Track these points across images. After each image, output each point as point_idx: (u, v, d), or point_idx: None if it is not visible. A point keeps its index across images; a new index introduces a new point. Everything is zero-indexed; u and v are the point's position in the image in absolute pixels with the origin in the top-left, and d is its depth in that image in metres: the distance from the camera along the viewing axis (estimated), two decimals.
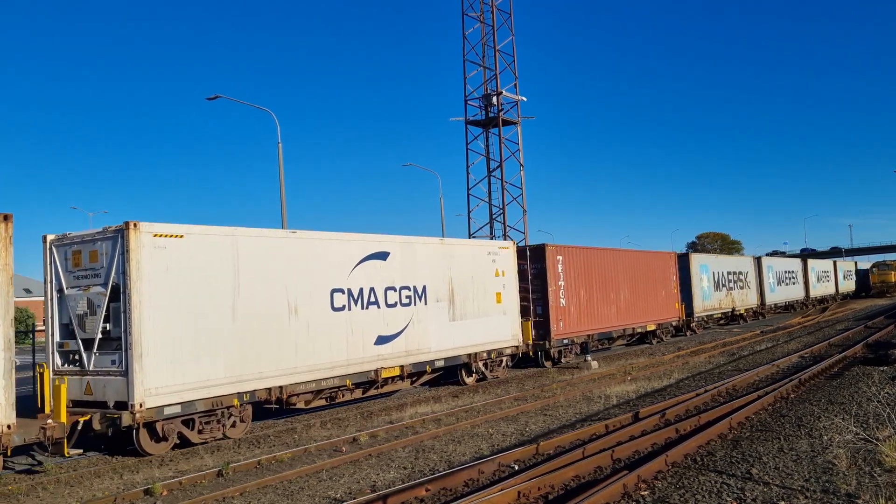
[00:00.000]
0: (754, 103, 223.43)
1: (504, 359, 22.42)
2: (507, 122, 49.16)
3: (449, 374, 20.94)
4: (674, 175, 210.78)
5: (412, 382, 19.34)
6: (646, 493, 8.95)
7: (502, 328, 21.92)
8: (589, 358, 24.97)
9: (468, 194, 50.74)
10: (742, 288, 43.20)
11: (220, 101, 29.78)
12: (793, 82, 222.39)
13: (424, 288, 19.03)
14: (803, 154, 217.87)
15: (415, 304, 18.66)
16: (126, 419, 12.48)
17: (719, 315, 40.14)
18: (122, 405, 12.67)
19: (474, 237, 49.49)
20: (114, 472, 12.21)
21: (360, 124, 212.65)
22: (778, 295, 50.35)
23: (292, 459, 12.38)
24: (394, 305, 18.04)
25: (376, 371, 17.35)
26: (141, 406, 12.57)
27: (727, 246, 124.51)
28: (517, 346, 22.53)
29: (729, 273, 41.41)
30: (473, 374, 21.22)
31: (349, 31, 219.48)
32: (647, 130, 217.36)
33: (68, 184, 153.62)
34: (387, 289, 17.89)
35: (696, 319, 36.39)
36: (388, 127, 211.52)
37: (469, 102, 49.87)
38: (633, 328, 29.88)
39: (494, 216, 49.92)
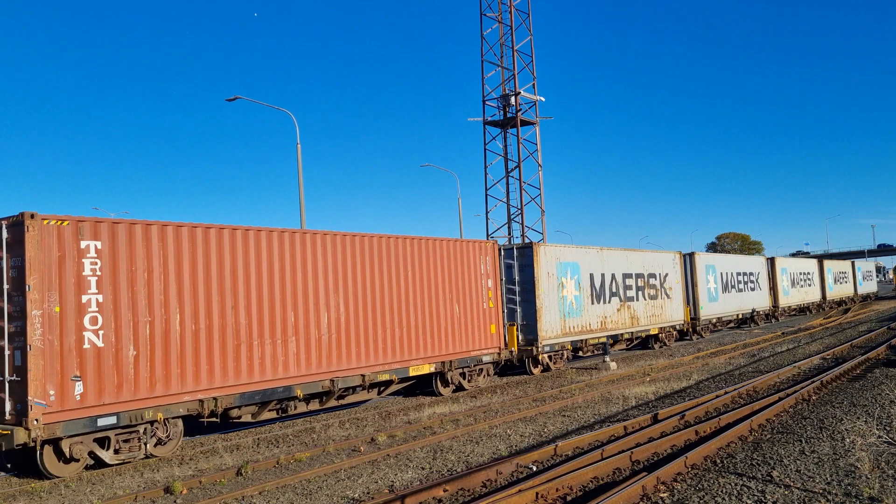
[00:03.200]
0: (776, 102, 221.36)
1: None
2: (525, 123, 49.29)
3: None
4: (694, 175, 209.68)
5: None
6: (665, 495, 8.89)
7: None
8: (608, 359, 24.83)
9: (486, 195, 50.97)
10: (654, 298, 29.59)
11: (240, 102, 29.95)
12: (815, 81, 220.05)
13: None
14: (825, 154, 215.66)
15: None
16: None
17: (599, 340, 25.70)
18: None
19: (492, 238, 49.58)
20: (134, 471, 12.32)
21: (378, 125, 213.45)
22: (724, 305, 36.98)
23: (311, 459, 12.44)
24: None
25: None
26: None
27: (747, 246, 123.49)
28: None
29: (627, 276, 27.85)
30: None
31: (367, 32, 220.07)
32: (667, 129, 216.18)
33: (88, 183, 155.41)
34: None
35: (546, 349, 22.75)
36: (406, 127, 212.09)
37: (487, 103, 50.13)
38: (366, 374, 16.49)
39: (513, 216, 50.08)
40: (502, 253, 22.95)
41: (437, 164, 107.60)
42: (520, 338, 22.46)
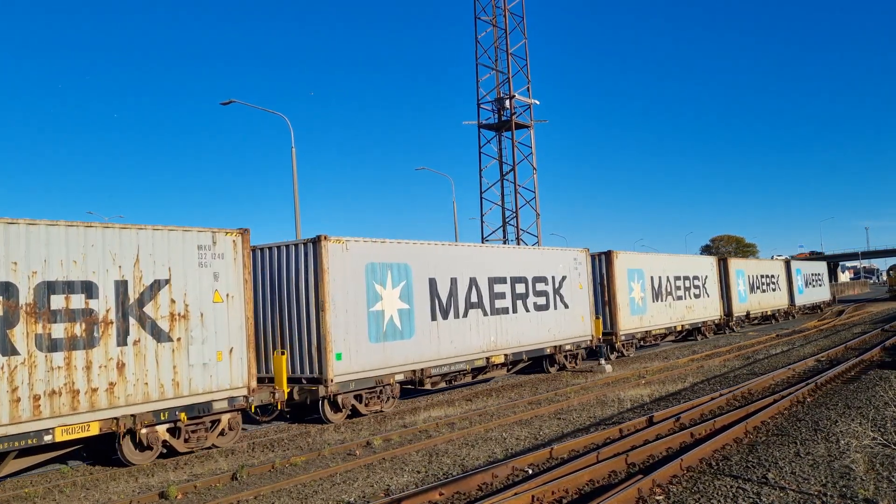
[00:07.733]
0: (771, 105, 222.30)
1: None
2: (519, 126, 49.35)
3: None
4: (689, 178, 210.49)
5: None
6: (661, 497, 8.90)
7: None
8: (603, 361, 24.86)
9: (481, 198, 50.98)
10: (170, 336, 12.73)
11: (234, 106, 29.91)
12: (809, 84, 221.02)
13: None
14: (820, 157, 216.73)
15: None
16: None
17: None
18: None
19: (487, 241, 49.53)
20: (129, 476, 12.29)
21: (373, 128, 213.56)
22: (450, 342, 19.10)
23: (306, 463, 12.41)
24: None
25: None
26: None
27: (742, 249, 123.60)
28: None
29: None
30: None
31: (362, 35, 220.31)
32: (663, 132, 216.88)
33: (83, 188, 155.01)
34: None
35: None
36: (402, 131, 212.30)
37: (482, 106, 50.17)
38: None
39: (508, 220, 50.05)
40: None
41: (433, 167, 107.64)
42: None
